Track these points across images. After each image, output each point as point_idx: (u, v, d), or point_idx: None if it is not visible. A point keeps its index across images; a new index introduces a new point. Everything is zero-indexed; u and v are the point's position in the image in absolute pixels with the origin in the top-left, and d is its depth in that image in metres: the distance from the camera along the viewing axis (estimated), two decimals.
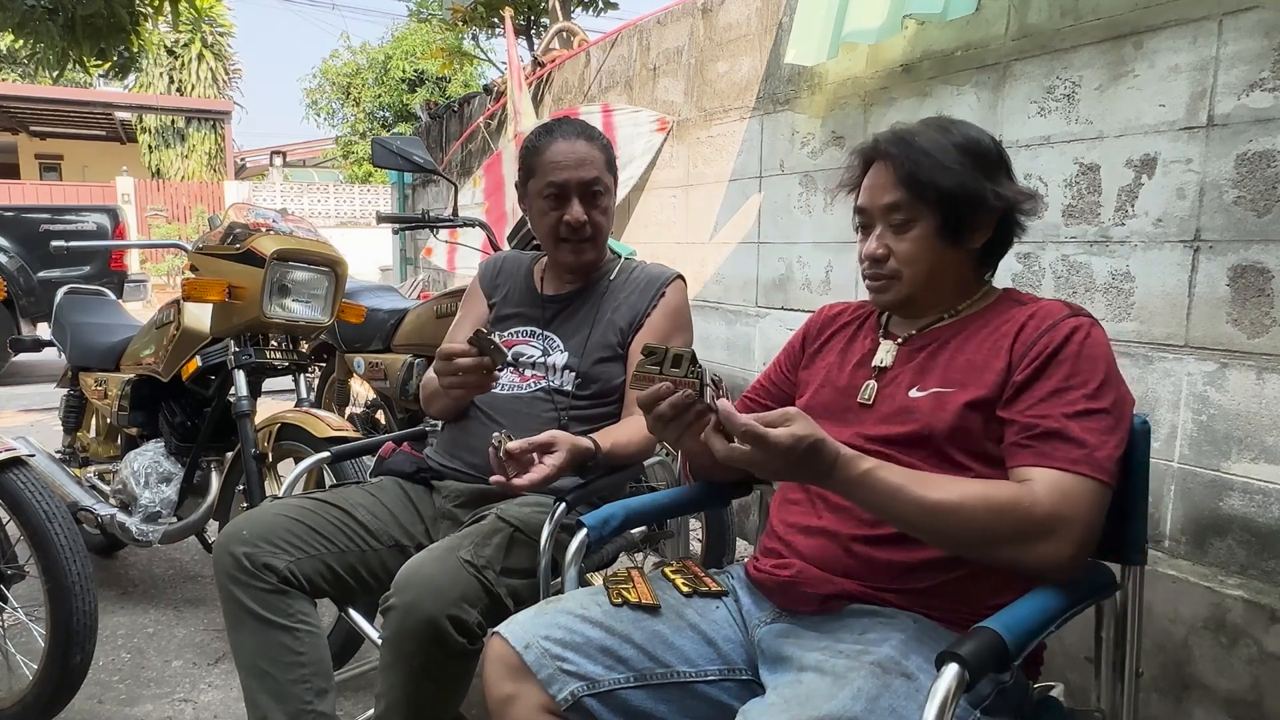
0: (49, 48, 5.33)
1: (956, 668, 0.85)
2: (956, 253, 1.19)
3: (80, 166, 19.97)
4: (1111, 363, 1.10)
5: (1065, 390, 1.07)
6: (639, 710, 1.12)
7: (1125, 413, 1.09)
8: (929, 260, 1.19)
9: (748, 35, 3.34)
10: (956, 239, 1.18)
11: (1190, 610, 1.83)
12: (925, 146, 1.17)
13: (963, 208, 1.16)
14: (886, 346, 1.25)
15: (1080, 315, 1.13)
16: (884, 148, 1.21)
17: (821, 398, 1.28)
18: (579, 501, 1.42)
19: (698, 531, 2.40)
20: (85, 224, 7.05)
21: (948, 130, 1.19)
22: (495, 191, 5.20)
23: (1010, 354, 1.12)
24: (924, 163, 1.16)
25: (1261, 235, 1.77)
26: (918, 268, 1.20)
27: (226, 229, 2.31)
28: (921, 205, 1.17)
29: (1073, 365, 1.08)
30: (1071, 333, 1.10)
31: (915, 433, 1.13)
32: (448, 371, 1.53)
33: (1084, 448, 1.02)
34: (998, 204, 1.17)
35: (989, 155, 1.19)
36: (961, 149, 1.17)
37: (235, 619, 1.50)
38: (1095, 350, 1.09)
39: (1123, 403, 1.09)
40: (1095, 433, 1.04)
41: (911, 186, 1.17)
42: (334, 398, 3.49)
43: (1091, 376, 1.07)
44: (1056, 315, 1.13)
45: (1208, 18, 1.85)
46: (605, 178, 1.65)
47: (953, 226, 1.17)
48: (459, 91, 14.88)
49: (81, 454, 2.99)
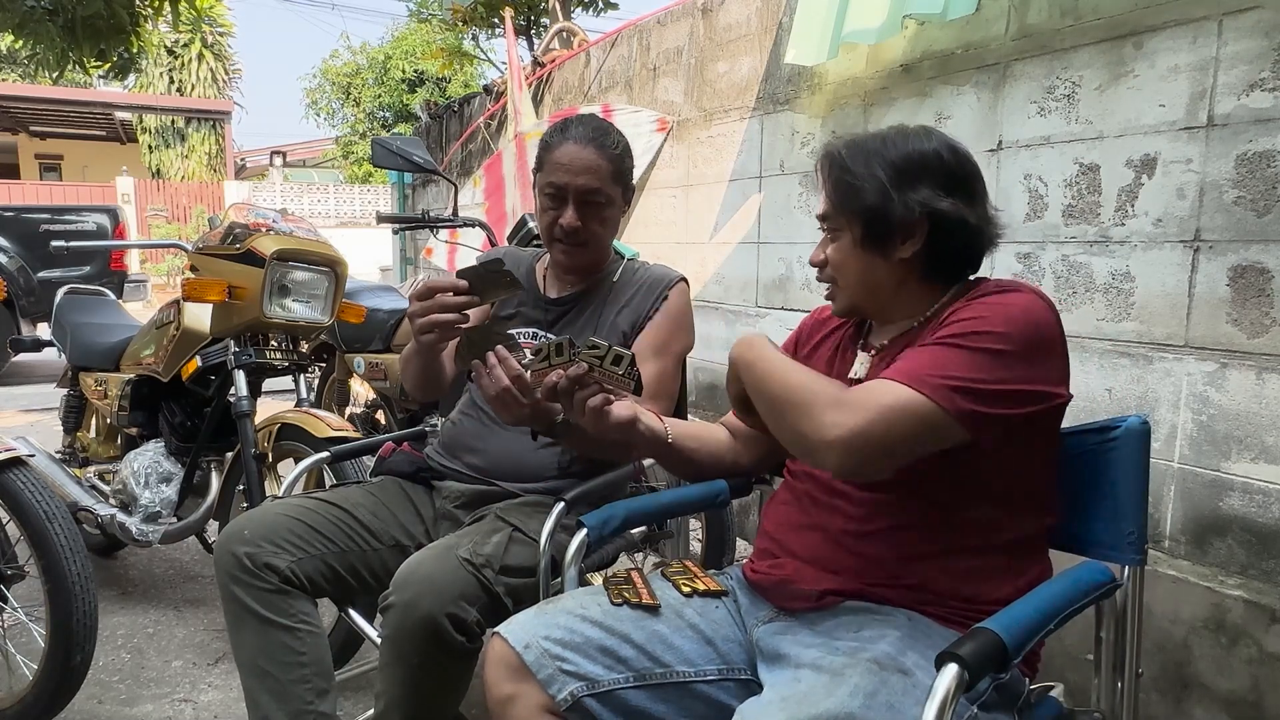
0: (49, 48, 5.33)
1: (956, 668, 0.85)
2: (888, 263, 1.18)
3: (80, 166, 19.97)
4: (1034, 327, 1.06)
5: (952, 333, 1.07)
6: (638, 710, 1.12)
7: (1018, 368, 1.04)
8: (856, 269, 1.20)
9: (748, 35, 3.34)
10: (879, 250, 1.17)
11: (1190, 610, 1.83)
12: (848, 160, 1.18)
13: (876, 220, 1.16)
14: (862, 359, 1.25)
15: (1012, 291, 1.11)
16: (821, 158, 1.23)
17: None
18: (579, 501, 1.42)
19: (698, 531, 2.40)
20: (85, 224, 7.04)
21: (891, 142, 1.19)
22: (495, 191, 5.20)
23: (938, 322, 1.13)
24: (843, 177, 1.18)
25: (1261, 235, 1.77)
26: (847, 277, 1.21)
27: (226, 229, 2.31)
28: (843, 216, 1.19)
29: (976, 312, 1.07)
30: (984, 296, 1.10)
31: None
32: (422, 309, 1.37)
33: (919, 366, 1.04)
34: (909, 216, 1.14)
35: (925, 167, 1.16)
36: (892, 163, 1.16)
37: (236, 619, 1.50)
38: (1013, 312, 1.06)
39: (1018, 359, 1.03)
40: (942, 360, 1.04)
41: (833, 197, 1.20)
42: (334, 398, 3.49)
43: (992, 326, 1.05)
44: (987, 289, 1.13)
45: (1208, 18, 1.85)
46: (608, 189, 1.60)
47: (873, 238, 1.17)
48: (459, 92, 14.88)
49: (81, 454, 2.99)
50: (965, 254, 1.19)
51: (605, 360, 1.18)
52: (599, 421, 1.21)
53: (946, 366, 1.03)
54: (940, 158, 1.17)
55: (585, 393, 1.20)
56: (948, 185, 1.16)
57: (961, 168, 1.18)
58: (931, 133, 1.20)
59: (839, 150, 1.21)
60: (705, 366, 3.63)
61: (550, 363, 1.21)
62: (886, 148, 1.18)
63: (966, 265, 1.20)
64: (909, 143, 1.18)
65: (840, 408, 1.03)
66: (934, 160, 1.17)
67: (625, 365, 1.18)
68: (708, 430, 1.44)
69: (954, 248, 1.17)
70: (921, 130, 1.20)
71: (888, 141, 1.19)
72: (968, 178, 1.18)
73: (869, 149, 1.18)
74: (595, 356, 1.18)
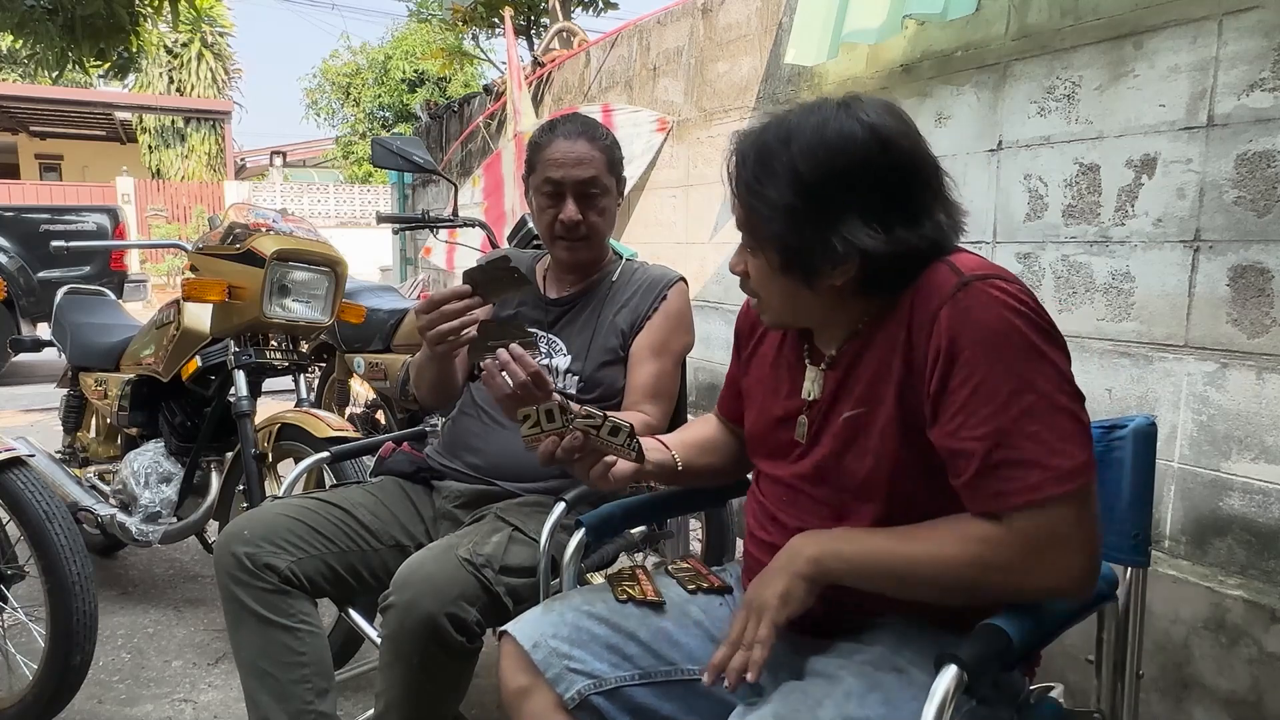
0: (49, 48, 5.33)
1: (955, 669, 0.85)
2: (814, 291, 1.00)
3: (80, 166, 19.97)
4: (1031, 328, 0.90)
5: (984, 395, 0.89)
6: (644, 708, 1.12)
7: (1066, 383, 0.90)
8: (779, 293, 1.04)
9: (748, 35, 3.34)
10: (803, 280, 1.00)
11: (1190, 610, 1.83)
12: (754, 173, 0.99)
13: (794, 255, 0.98)
14: (812, 375, 1.10)
15: (969, 285, 0.92)
16: (727, 157, 1.04)
17: (759, 430, 1.18)
18: (578, 501, 1.42)
19: (698, 531, 2.40)
20: (85, 224, 7.04)
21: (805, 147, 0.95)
22: (495, 191, 5.20)
23: (905, 352, 0.97)
24: (750, 200, 1.00)
25: (1261, 235, 1.77)
26: (771, 299, 1.07)
27: (226, 229, 2.32)
28: (756, 242, 1.03)
29: (978, 355, 0.90)
30: (963, 315, 0.91)
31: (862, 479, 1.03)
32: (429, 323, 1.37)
33: (1037, 468, 0.88)
34: (833, 254, 0.95)
35: (849, 184, 0.95)
36: (806, 185, 0.95)
37: (236, 619, 1.50)
38: (998, 325, 0.90)
39: (1055, 375, 0.90)
40: (1044, 438, 0.88)
41: (743, 219, 1.03)
42: (334, 398, 3.49)
43: (1007, 363, 0.89)
44: (941, 294, 0.94)
45: (1208, 18, 1.85)
46: (604, 178, 1.62)
47: (793, 270, 1.00)
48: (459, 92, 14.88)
49: (81, 454, 2.99)
50: (913, 269, 0.98)
51: (601, 430, 1.11)
52: (603, 484, 1.16)
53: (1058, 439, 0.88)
54: (867, 162, 0.95)
55: (585, 462, 1.14)
56: (881, 204, 0.95)
57: (897, 169, 0.96)
58: (857, 118, 0.95)
59: (746, 155, 1.01)
60: (705, 366, 3.63)
61: (542, 429, 1.12)
62: (799, 156, 0.95)
63: (917, 272, 0.99)
64: (826, 142, 0.95)
65: (1037, 574, 0.90)
66: (859, 170, 0.95)
67: (624, 437, 1.11)
68: (711, 435, 1.36)
69: (897, 268, 0.98)
70: (845, 117, 0.96)
71: (801, 143, 0.96)
72: (906, 181, 0.96)
73: (779, 157, 0.97)
74: (591, 427, 1.11)
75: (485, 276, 1.36)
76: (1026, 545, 0.89)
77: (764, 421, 1.17)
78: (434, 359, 1.54)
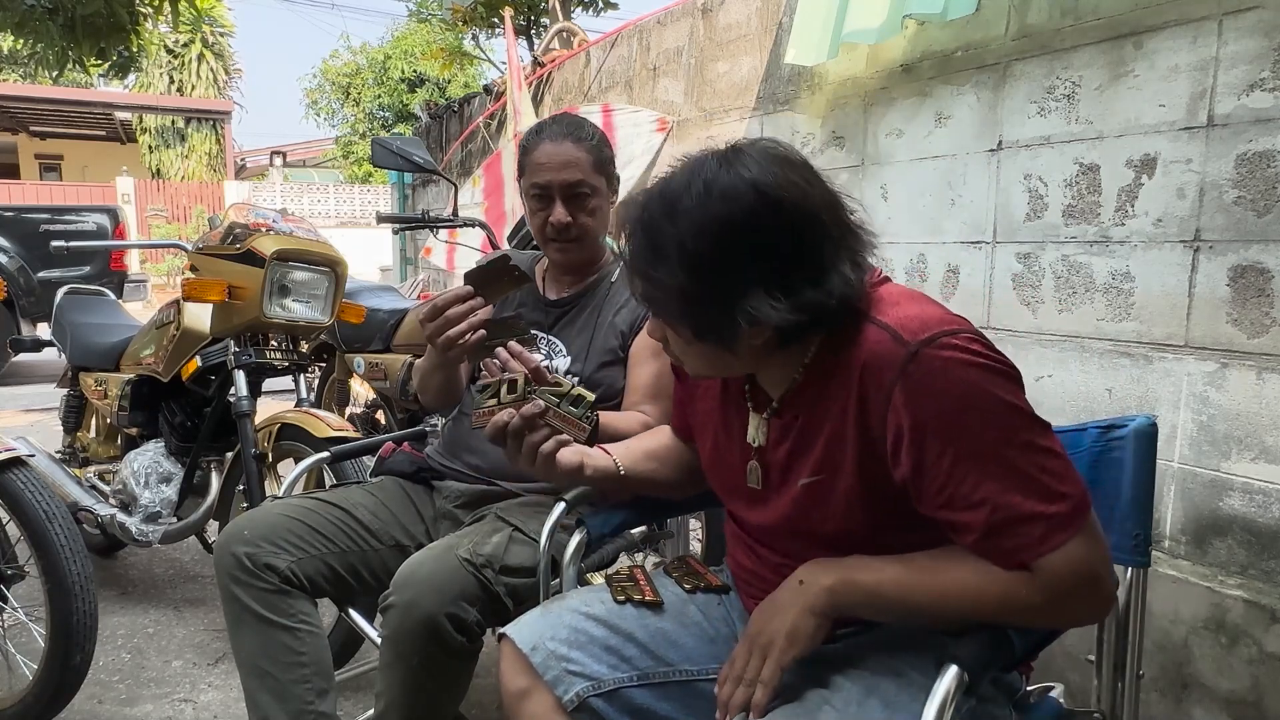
0: (49, 48, 5.33)
1: (956, 669, 0.85)
2: (735, 354, 0.97)
3: (80, 166, 19.97)
4: (990, 379, 0.88)
5: (966, 462, 0.87)
6: (644, 709, 1.12)
7: (1034, 420, 0.89)
8: (700, 357, 1.01)
9: (748, 35, 3.34)
10: (720, 344, 0.96)
11: (1190, 610, 1.83)
12: (645, 257, 0.94)
13: (703, 328, 0.95)
14: (755, 422, 1.07)
15: (918, 355, 0.88)
16: (618, 226, 0.99)
17: (713, 467, 1.18)
18: (578, 501, 1.42)
19: (698, 531, 2.40)
20: (85, 224, 7.05)
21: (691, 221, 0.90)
22: (495, 191, 5.20)
23: (860, 425, 0.94)
24: (646, 286, 0.96)
25: (1261, 235, 1.77)
26: (694, 363, 1.04)
27: (226, 229, 2.32)
28: (662, 317, 1.00)
29: (947, 425, 0.87)
30: (920, 390, 0.88)
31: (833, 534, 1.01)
32: (436, 330, 1.38)
33: (1041, 519, 0.86)
34: (741, 325, 0.91)
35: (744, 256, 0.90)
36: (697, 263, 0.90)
37: (236, 619, 1.50)
38: (959, 389, 0.87)
39: (1025, 418, 0.89)
40: (1036, 487, 0.86)
41: (644, 297, 0.99)
42: (334, 398, 3.49)
43: (980, 425, 0.87)
44: (890, 366, 0.90)
45: (1208, 18, 1.85)
46: (592, 179, 1.60)
47: (706, 338, 0.96)
48: (459, 92, 14.88)
49: (81, 454, 2.99)
50: (836, 316, 0.94)
51: (564, 401, 1.12)
52: (546, 468, 1.15)
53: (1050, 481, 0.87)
54: (758, 228, 0.89)
55: (536, 436, 1.14)
56: (781, 269, 0.90)
57: (790, 228, 0.90)
58: (739, 176, 0.90)
59: (635, 235, 0.96)
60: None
61: (500, 400, 1.13)
62: (686, 234, 0.90)
63: (837, 322, 0.95)
64: (711, 214, 0.90)
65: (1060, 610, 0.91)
66: (750, 237, 0.89)
67: (584, 408, 1.12)
68: (663, 445, 1.33)
69: (814, 324, 0.93)
70: (727, 176, 0.91)
71: (687, 219, 0.90)
72: (802, 239, 0.90)
73: (666, 235, 0.92)
74: (555, 395, 1.11)
75: (485, 276, 1.38)
76: (1051, 588, 0.88)
77: (718, 461, 1.16)
78: (442, 365, 1.55)
